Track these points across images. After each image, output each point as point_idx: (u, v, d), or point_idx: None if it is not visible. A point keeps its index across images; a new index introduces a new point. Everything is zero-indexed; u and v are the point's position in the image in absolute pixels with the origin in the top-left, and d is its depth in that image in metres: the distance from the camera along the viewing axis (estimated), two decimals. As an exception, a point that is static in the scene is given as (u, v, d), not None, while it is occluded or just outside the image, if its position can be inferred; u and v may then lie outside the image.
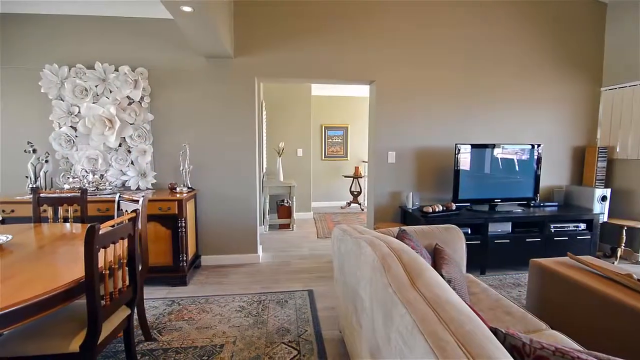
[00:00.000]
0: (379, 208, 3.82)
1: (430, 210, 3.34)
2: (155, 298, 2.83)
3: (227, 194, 3.61)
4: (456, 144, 3.48)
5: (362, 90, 6.59)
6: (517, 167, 3.66)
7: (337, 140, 7.11)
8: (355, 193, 6.85)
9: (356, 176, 6.74)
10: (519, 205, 3.83)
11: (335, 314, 2.57)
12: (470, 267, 3.32)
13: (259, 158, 3.91)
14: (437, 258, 1.98)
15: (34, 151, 3.20)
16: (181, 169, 3.38)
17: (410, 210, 3.55)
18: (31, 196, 2.49)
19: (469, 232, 3.34)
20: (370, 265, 1.28)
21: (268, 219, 5.11)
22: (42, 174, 3.22)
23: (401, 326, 0.97)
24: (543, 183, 4.06)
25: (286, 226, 5.23)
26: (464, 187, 3.55)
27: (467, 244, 2.68)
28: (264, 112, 5.23)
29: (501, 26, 3.80)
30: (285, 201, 5.39)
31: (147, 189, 3.45)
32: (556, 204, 3.90)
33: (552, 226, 3.47)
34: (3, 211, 2.88)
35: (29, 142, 3.24)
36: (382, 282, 1.13)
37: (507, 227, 3.46)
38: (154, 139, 3.46)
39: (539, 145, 3.65)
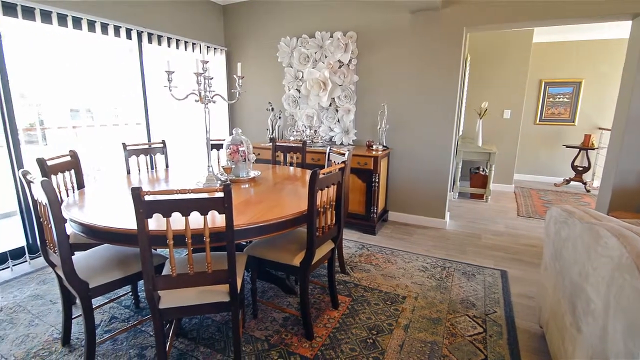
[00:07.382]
0: (620, 191, 2.86)
1: None
2: (349, 239, 3.25)
3: (419, 156, 3.57)
4: None
5: (608, 31, 4.81)
6: None
7: (561, 99, 5.63)
8: (581, 169, 5.38)
9: (585, 147, 5.23)
10: None
11: (535, 305, 2.21)
12: None
13: (457, 119, 3.61)
14: None
15: (272, 109, 4.11)
16: (378, 127, 3.56)
17: (681, 201, 2.48)
18: (270, 144, 3.27)
19: None
20: (613, 261, 0.99)
21: (459, 185, 4.79)
22: (276, 127, 4.12)
23: (663, 350, 0.72)
24: None
25: (479, 196, 4.76)
26: None
27: None
28: (467, 68, 4.70)
29: None
30: (481, 169, 4.86)
31: (349, 144, 3.84)
32: None
33: None
34: (253, 154, 3.91)
35: (269, 102, 4.18)
36: (634, 287, 0.85)
37: None
38: (357, 98, 3.75)
39: None
